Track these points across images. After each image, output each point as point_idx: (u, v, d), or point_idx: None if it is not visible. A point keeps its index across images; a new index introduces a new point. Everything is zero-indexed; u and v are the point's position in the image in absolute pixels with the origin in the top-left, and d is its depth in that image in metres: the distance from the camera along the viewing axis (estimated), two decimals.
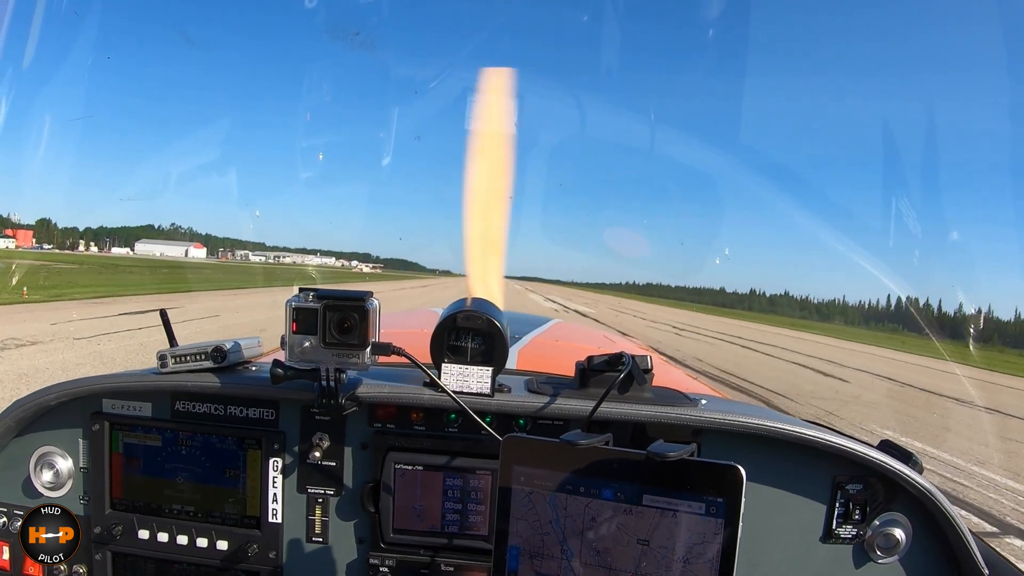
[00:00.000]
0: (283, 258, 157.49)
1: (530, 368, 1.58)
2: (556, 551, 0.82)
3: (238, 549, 1.21)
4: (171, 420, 1.23)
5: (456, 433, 1.20)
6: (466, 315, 1.13)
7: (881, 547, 1.16)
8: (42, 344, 9.50)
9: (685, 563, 0.77)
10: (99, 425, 1.22)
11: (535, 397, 1.16)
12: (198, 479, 1.22)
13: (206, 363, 1.19)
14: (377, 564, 1.20)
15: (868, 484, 1.15)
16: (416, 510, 1.19)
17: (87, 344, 9.77)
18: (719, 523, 0.75)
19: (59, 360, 8.22)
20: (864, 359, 22.12)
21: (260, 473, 1.21)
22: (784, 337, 31.99)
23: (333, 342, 1.07)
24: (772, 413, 1.21)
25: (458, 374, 1.14)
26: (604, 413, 1.11)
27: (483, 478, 1.18)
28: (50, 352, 8.86)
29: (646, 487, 0.78)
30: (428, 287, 47.91)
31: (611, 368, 1.17)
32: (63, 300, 17.53)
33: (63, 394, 1.20)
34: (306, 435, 1.21)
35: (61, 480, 1.25)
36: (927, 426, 9.52)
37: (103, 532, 1.22)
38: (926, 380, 16.56)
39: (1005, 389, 18.13)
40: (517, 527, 0.83)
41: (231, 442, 1.21)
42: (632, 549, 0.79)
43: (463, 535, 1.18)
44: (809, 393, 11.11)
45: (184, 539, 1.22)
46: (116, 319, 13.22)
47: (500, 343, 1.14)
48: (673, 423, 1.13)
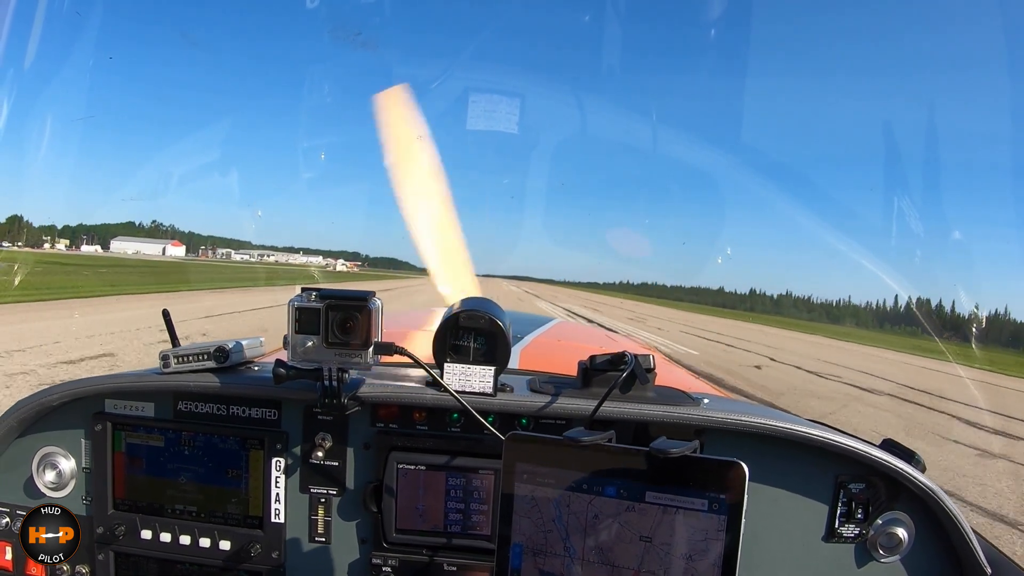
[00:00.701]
0: (268, 257, 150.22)
1: (532, 368, 1.58)
2: (559, 549, 0.82)
3: (241, 549, 1.21)
4: (174, 420, 1.23)
5: (459, 433, 1.20)
6: (468, 315, 1.13)
7: (884, 546, 1.15)
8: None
9: (688, 560, 0.77)
10: (102, 425, 1.22)
11: (537, 396, 1.16)
12: (201, 479, 1.22)
13: (208, 363, 1.19)
14: (380, 564, 1.20)
15: (871, 483, 1.15)
16: (419, 510, 1.19)
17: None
18: (722, 520, 0.75)
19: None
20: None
21: (263, 473, 1.21)
22: (875, 359, 22.54)
23: (335, 342, 1.07)
24: (774, 412, 1.21)
25: (460, 374, 1.15)
26: (607, 412, 1.11)
27: (486, 478, 1.18)
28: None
29: (649, 484, 0.78)
30: (402, 290, 39.66)
31: (613, 367, 1.17)
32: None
33: (66, 394, 1.21)
34: (308, 435, 1.21)
35: (64, 480, 1.25)
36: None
37: (106, 532, 1.22)
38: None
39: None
40: (520, 525, 0.83)
41: (233, 442, 1.21)
42: (635, 546, 0.79)
43: (466, 535, 1.18)
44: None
45: (187, 539, 1.22)
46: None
47: (502, 343, 1.14)
48: (676, 422, 1.13)
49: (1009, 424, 10.65)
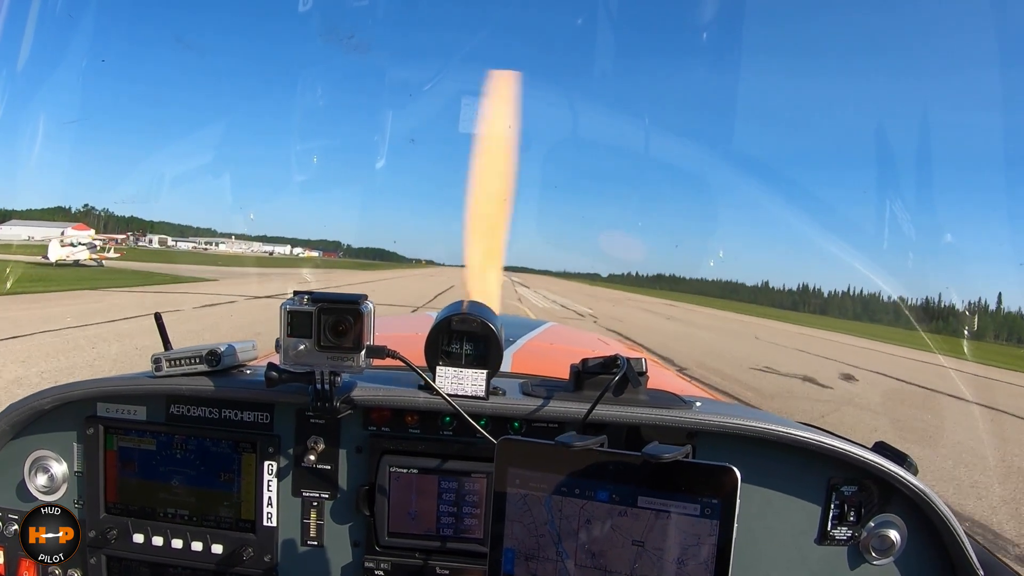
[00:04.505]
0: (219, 245, 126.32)
1: (524, 371, 1.58)
2: (551, 553, 0.82)
3: (233, 553, 1.20)
4: (166, 424, 1.22)
5: (451, 436, 1.20)
6: (461, 318, 1.13)
7: (876, 549, 1.16)
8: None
9: (680, 564, 0.77)
10: (94, 429, 1.22)
11: (530, 400, 1.16)
12: (193, 483, 1.21)
13: (200, 366, 1.19)
14: (372, 567, 1.20)
15: (863, 486, 1.15)
16: (411, 513, 1.18)
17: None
18: (714, 524, 0.76)
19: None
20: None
21: (255, 476, 1.20)
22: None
23: (328, 345, 1.07)
24: (767, 415, 1.22)
25: (453, 377, 1.14)
26: (599, 415, 1.11)
27: (478, 481, 1.17)
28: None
29: (641, 489, 0.78)
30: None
31: (606, 371, 1.17)
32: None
33: (57, 398, 1.20)
34: (301, 438, 1.20)
35: (56, 484, 1.24)
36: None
37: (98, 536, 1.22)
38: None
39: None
40: (512, 529, 0.83)
41: (226, 445, 1.21)
42: (627, 551, 0.79)
43: (458, 538, 1.18)
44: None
45: (179, 543, 1.21)
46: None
47: (494, 346, 1.14)
48: (668, 425, 1.13)
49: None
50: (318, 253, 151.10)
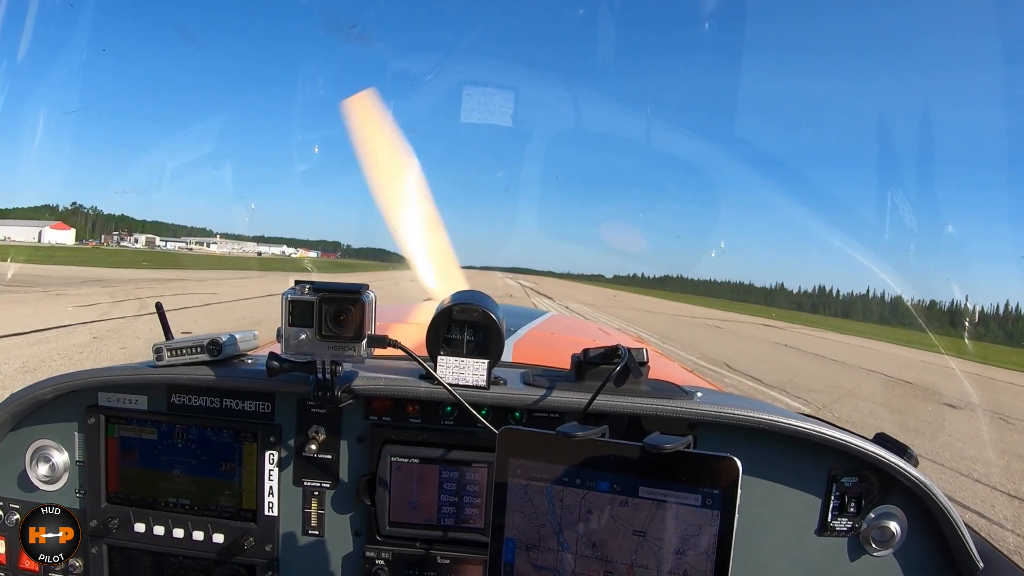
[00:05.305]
0: (211, 245, 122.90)
1: (526, 361, 1.58)
2: (552, 543, 0.82)
3: (234, 542, 1.21)
4: (167, 413, 1.22)
5: (452, 426, 1.20)
6: (462, 308, 1.13)
7: (876, 540, 1.16)
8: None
9: (680, 555, 0.77)
10: (95, 418, 1.22)
11: (531, 390, 1.16)
12: (194, 472, 1.22)
13: (202, 356, 1.19)
14: (373, 557, 1.20)
15: (863, 477, 1.15)
16: (412, 503, 1.18)
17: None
18: (715, 515, 0.75)
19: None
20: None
21: (256, 466, 1.21)
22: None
23: (329, 335, 1.07)
24: (768, 406, 1.21)
25: (454, 367, 1.14)
26: (600, 406, 1.11)
27: (479, 471, 1.17)
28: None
29: (642, 479, 0.78)
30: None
31: (607, 361, 1.16)
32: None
33: (59, 388, 1.20)
34: (302, 428, 1.20)
35: (57, 474, 1.24)
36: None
37: (99, 526, 1.22)
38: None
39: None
40: (513, 519, 0.83)
41: (227, 435, 1.21)
42: (628, 541, 0.79)
43: (459, 528, 1.18)
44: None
45: (180, 532, 1.22)
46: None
47: (496, 336, 1.13)
48: (669, 416, 1.13)
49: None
50: (316, 253, 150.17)
